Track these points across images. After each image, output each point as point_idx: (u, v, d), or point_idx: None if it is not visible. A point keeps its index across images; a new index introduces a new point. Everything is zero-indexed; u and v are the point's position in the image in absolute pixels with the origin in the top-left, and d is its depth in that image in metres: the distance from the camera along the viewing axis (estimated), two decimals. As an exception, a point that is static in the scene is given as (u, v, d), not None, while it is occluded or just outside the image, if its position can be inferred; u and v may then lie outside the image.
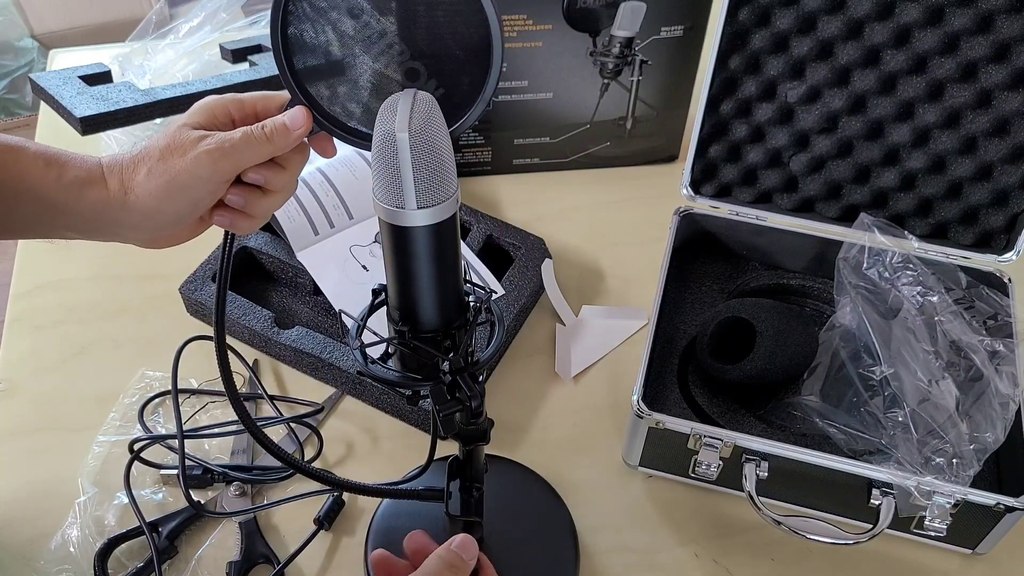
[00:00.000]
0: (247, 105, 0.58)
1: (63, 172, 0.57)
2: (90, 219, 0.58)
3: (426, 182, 0.50)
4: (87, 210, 0.58)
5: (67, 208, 0.58)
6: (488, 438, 0.64)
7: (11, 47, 2.37)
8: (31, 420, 0.87)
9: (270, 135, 0.56)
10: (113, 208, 0.57)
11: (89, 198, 0.57)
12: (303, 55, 0.55)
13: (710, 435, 0.75)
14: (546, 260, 0.98)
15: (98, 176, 0.57)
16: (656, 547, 0.79)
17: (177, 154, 0.56)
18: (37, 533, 0.78)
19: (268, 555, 0.76)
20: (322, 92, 0.57)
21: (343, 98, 0.57)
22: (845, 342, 0.79)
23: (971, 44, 0.81)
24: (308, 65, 0.56)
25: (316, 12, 0.54)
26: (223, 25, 1.17)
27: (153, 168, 0.56)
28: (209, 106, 0.58)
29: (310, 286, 0.95)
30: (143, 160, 0.57)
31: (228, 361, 0.59)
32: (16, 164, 0.57)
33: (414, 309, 0.56)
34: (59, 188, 0.57)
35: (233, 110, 0.58)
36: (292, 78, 0.56)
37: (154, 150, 0.57)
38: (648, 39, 1.00)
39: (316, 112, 0.57)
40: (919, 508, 0.73)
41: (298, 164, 0.59)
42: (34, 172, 0.57)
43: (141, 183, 0.57)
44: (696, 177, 0.94)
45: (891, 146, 0.88)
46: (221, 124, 0.58)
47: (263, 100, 0.58)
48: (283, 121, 0.56)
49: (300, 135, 0.56)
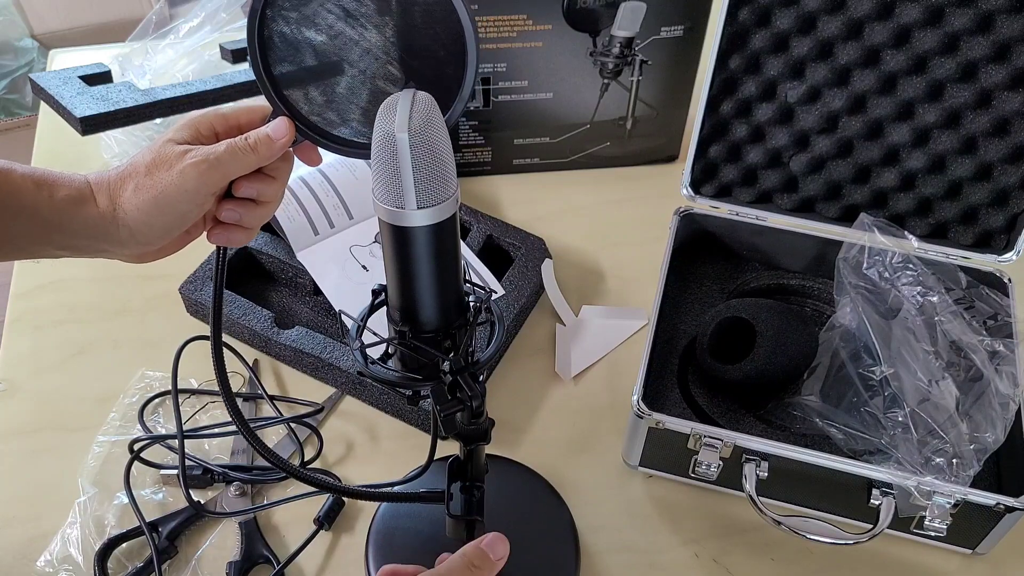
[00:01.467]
0: (230, 118, 0.59)
1: (54, 191, 0.58)
2: (82, 236, 0.59)
3: (426, 182, 0.50)
4: (79, 227, 0.58)
5: (60, 226, 0.58)
6: (489, 438, 0.64)
7: (11, 47, 2.37)
8: (31, 420, 0.87)
9: (254, 146, 0.57)
10: (104, 224, 0.58)
11: (81, 215, 0.58)
12: (281, 62, 0.56)
13: (710, 435, 0.75)
14: (546, 260, 0.98)
15: (87, 194, 0.58)
16: (656, 547, 0.79)
17: (163, 168, 0.57)
18: (37, 533, 0.78)
19: (268, 555, 0.76)
20: (301, 101, 0.57)
21: (323, 106, 0.58)
22: (845, 342, 0.79)
23: (971, 44, 0.81)
24: (286, 72, 0.56)
25: (293, 19, 0.54)
26: (223, 25, 1.17)
27: (140, 183, 0.57)
28: (193, 122, 0.59)
29: (310, 286, 0.95)
30: (130, 176, 0.58)
31: (224, 366, 0.59)
32: (8, 184, 0.57)
33: (414, 309, 0.56)
34: (51, 207, 0.57)
35: (216, 124, 0.59)
36: (271, 87, 0.57)
37: (140, 166, 0.57)
38: (648, 39, 1.00)
39: (298, 121, 0.58)
40: (919, 508, 0.73)
41: (286, 173, 0.61)
42: (26, 192, 0.57)
43: (129, 199, 0.57)
44: (696, 177, 0.94)
45: (891, 146, 0.88)
46: (205, 138, 0.59)
47: (247, 113, 0.59)
48: (266, 132, 0.57)
49: (284, 144, 0.57)
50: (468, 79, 0.55)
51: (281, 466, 0.62)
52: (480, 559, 0.59)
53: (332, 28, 0.54)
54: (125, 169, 0.58)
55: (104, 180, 0.59)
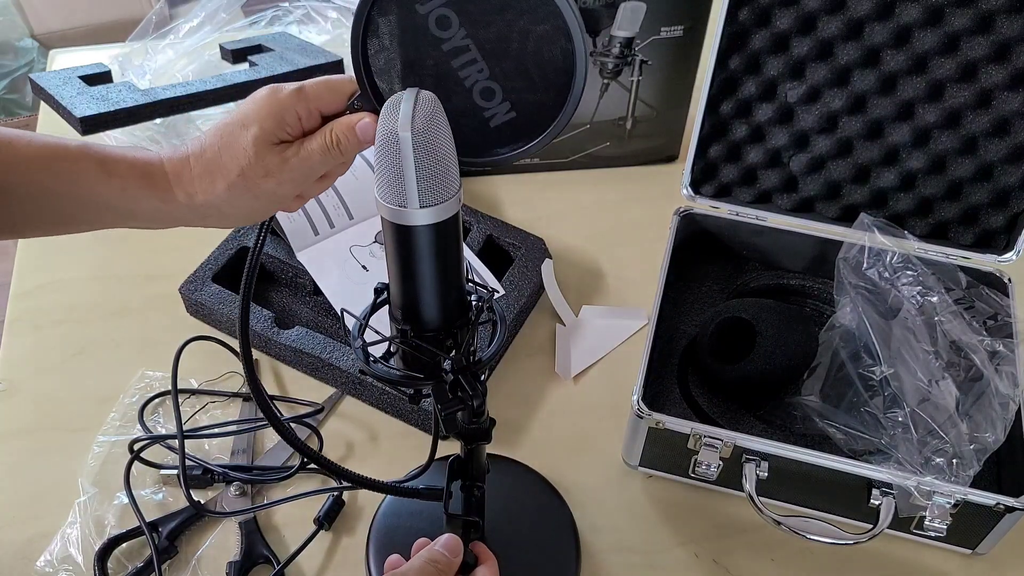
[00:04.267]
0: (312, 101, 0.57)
1: (126, 183, 0.57)
2: (154, 220, 0.59)
3: (428, 181, 0.50)
4: (150, 212, 0.59)
5: (129, 213, 0.59)
6: (490, 437, 0.64)
7: (11, 47, 2.37)
8: (31, 420, 0.87)
9: (344, 151, 0.56)
10: (180, 211, 0.58)
11: (152, 203, 0.58)
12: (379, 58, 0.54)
13: (710, 435, 0.75)
14: (546, 260, 0.98)
15: (162, 183, 0.58)
16: (656, 547, 0.79)
17: (260, 175, 0.56)
18: (37, 533, 0.78)
19: (268, 555, 0.76)
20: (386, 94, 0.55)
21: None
22: (845, 342, 0.79)
23: (971, 44, 0.81)
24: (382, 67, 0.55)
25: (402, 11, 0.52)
26: (223, 25, 1.17)
27: (234, 185, 0.57)
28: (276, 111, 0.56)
29: (310, 286, 0.95)
30: (218, 174, 0.57)
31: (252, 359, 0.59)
32: (77, 175, 0.57)
33: (416, 308, 0.56)
34: (122, 196, 0.57)
35: (300, 110, 0.57)
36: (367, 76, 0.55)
37: (231, 167, 0.56)
38: (648, 39, 1.00)
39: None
40: (919, 508, 0.73)
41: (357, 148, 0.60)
42: (96, 182, 0.57)
43: (223, 200, 0.57)
44: (696, 177, 0.94)
45: (891, 146, 0.88)
46: (291, 128, 0.57)
47: (328, 91, 0.57)
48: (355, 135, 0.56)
49: (368, 145, 0.56)
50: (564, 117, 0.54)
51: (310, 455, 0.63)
52: (440, 557, 0.63)
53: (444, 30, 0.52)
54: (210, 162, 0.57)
55: (185, 173, 0.57)
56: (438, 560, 0.63)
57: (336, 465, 0.65)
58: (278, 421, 0.61)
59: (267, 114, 0.56)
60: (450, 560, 0.63)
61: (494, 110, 0.54)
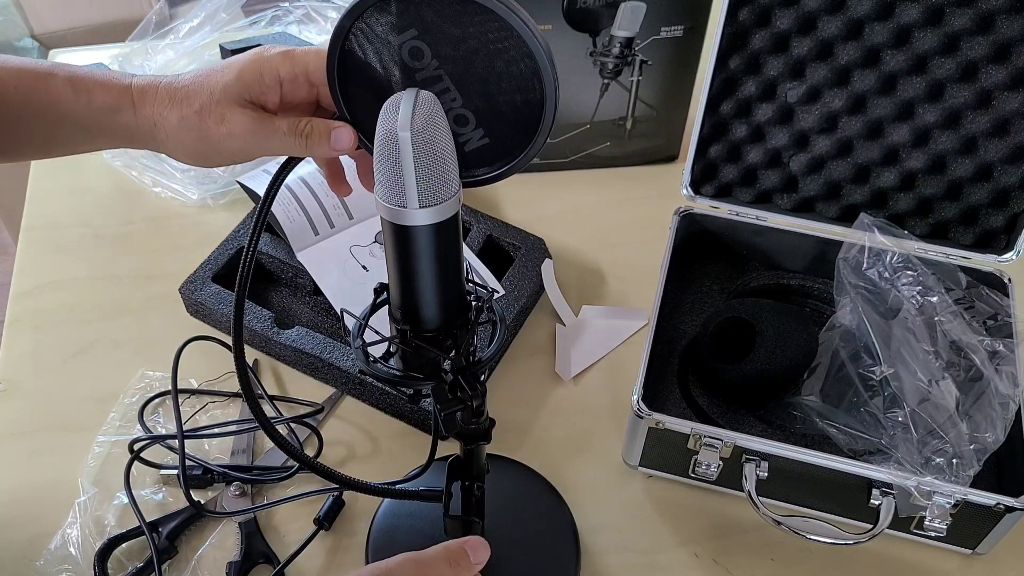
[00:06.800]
0: (297, 64, 0.57)
1: (92, 98, 0.58)
2: (123, 140, 0.60)
3: (428, 181, 0.50)
4: (119, 132, 0.59)
5: (99, 131, 0.59)
6: (490, 437, 0.64)
7: (11, 47, 2.37)
8: (31, 420, 0.87)
9: (311, 147, 0.56)
10: (142, 135, 0.59)
11: (119, 122, 0.58)
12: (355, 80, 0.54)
13: (710, 435, 0.75)
14: (546, 260, 0.98)
15: (127, 102, 0.58)
16: (656, 547, 0.79)
17: (214, 119, 0.56)
18: (37, 533, 0.78)
19: (268, 555, 0.76)
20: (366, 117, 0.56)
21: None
22: (845, 342, 0.79)
23: (971, 44, 0.81)
24: (357, 89, 0.55)
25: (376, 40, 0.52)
26: (223, 25, 1.18)
27: (186, 117, 0.57)
28: (258, 64, 0.57)
29: (310, 286, 0.95)
30: (180, 102, 0.57)
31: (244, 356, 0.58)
32: (47, 91, 0.58)
33: (416, 308, 0.56)
34: (89, 113, 0.58)
35: (282, 69, 0.57)
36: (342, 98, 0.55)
37: (193, 100, 0.57)
38: (648, 39, 1.00)
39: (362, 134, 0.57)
40: (919, 508, 0.73)
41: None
42: (64, 98, 0.58)
43: (173, 129, 0.57)
44: (696, 177, 0.94)
45: (891, 146, 0.88)
46: (268, 87, 0.57)
47: (316, 57, 0.57)
48: (327, 140, 0.56)
49: (340, 153, 0.57)
50: (536, 143, 0.54)
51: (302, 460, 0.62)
52: (459, 556, 0.60)
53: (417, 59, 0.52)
54: (178, 90, 0.58)
55: (150, 93, 0.58)
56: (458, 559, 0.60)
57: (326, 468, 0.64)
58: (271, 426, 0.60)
59: (249, 66, 0.57)
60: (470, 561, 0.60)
61: (468, 135, 0.54)
